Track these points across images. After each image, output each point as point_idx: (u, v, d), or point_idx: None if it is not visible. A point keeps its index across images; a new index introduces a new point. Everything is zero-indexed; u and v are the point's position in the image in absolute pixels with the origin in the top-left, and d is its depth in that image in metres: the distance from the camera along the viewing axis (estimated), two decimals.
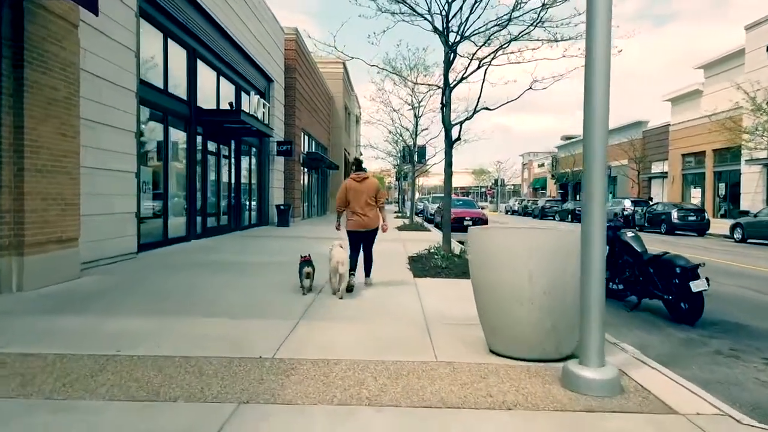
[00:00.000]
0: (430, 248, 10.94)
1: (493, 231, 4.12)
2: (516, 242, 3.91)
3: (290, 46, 23.71)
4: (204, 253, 11.14)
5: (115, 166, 9.30)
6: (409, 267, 9.25)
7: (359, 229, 7.07)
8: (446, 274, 8.30)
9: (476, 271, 4.23)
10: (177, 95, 12.78)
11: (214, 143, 15.54)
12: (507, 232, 4.04)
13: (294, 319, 5.29)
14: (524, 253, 3.84)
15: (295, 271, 7.14)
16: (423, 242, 14.87)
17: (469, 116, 9.52)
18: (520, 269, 3.85)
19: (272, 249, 12.19)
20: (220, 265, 9.20)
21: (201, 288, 6.84)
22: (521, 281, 3.85)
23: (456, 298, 6.59)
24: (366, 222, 7.04)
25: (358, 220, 7.03)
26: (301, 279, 6.69)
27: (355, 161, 7.57)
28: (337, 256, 6.48)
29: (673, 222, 23.60)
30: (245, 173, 19.15)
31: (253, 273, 8.32)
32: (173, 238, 12.64)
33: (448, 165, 9.69)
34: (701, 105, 32.74)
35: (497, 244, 4.00)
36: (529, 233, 3.93)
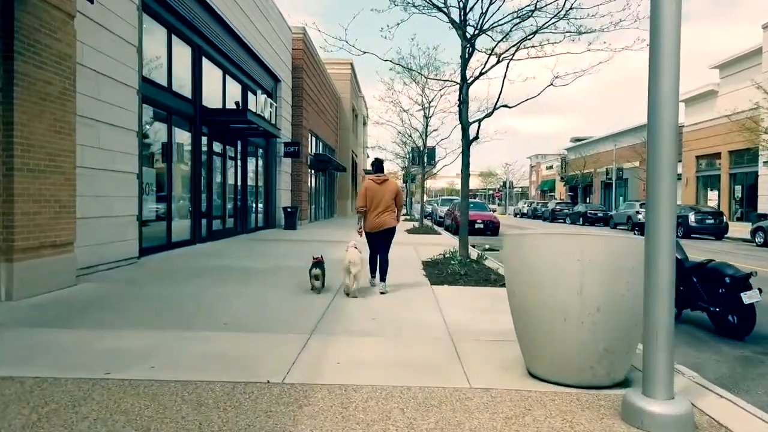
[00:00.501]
0: (445, 253, 10.43)
1: (536, 238, 3.60)
2: (564, 251, 3.38)
3: (298, 45, 23.28)
4: (209, 257, 10.67)
5: (116, 167, 8.85)
6: (424, 273, 8.73)
7: (377, 229, 7.02)
8: (465, 282, 7.77)
9: (514, 283, 3.71)
10: (181, 94, 12.34)
11: (219, 144, 15.09)
12: (553, 240, 3.52)
13: (305, 332, 4.78)
14: (574, 264, 3.31)
15: (305, 276, 7.03)
16: (435, 246, 14.36)
17: (489, 113, 9.00)
18: (568, 282, 3.33)
19: (280, 253, 11.71)
20: (225, 270, 8.72)
21: (204, 297, 6.35)
22: (569, 296, 3.33)
23: (480, 308, 6.07)
24: (385, 221, 7.00)
25: (377, 222, 6.99)
26: (311, 280, 6.84)
27: (375, 162, 7.53)
28: (350, 256, 6.55)
29: (691, 225, 22.93)
30: (252, 175, 18.71)
31: (260, 279, 7.83)
32: (177, 242, 12.18)
33: (466, 165, 9.17)
34: (716, 105, 32.07)
35: (541, 253, 3.48)
36: (579, 240, 3.41)
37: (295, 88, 23.05)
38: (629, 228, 29.42)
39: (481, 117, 9.06)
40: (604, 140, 47.49)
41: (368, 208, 6.99)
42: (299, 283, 7.52)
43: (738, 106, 27.35)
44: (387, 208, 6.94)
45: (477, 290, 7.28)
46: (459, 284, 7.68)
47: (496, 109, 8.97)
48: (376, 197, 6.92)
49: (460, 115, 9.02)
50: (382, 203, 6.93)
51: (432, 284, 7.70)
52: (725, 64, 31.30)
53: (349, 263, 6.47)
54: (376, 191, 6.95)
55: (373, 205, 6.95)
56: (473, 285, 7.63)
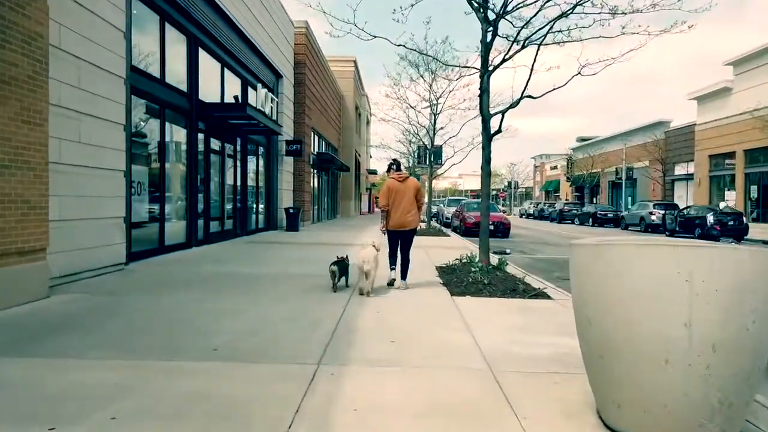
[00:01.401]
0: (462, 258, 9.56)
1: (626, 250, 2.72)
2: (667, 268, 2.50)
3: (300, 40, 22.44)
4: (204, 262, 9.82)
5: (100, 164, 8.00)
6: (441, 281, 7.86)
7: (399, 229, 7.17)
8: (490, 293, 6.89)
9: (590, 307, 2.84)
10: (176, 87, 11.49)
11: (217, 141, 14.24)
12: (650, 253, 2.63)
13: (312, 361, 3.92)
14: (681, 286, 2.44)
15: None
16: (447, 250, 13.49)
17: (513, 104, 8.12)
18: (672, 311, 2.46)
19: (281, 258, 10.85)
20: (220, 278, 7.86)
21: (193, 312, 5.48)
22: (674, 329, 2.46)
23: (515, 326, 5.19)
24: (407, 221, 7.14)
25: (398, 220, 7.12)
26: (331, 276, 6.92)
27: (394, 162, 7.58)
28: (362, 254, 6.64)
29: (709, 226, 22.03)
30: (252, 174, 17.86)
31: (258, 289, 6.96)
32: (171, 245, 11.33)
33: (486, 162, 8.31)
34: (730, 103, 31.14)
35: (634, 271, 2.59)
36: (689, 254, 2.53)
37: (297, 84, 22.21)
38: (642, 229, 28.53)
39: (503, 108, 8.19)
40: (612, 139, 46.55)
41: (391, 206, 7.10)
42: (303, 293, 6.66)
43: (761, 101, 26.38)
44: (409, 206, 7.09)
45: (505, 303, 6.40)
46: (483, 295, 6.81)
47: (522, 99, 8.10)
48: (398, 195, 7.06)
49: (481, 105, 8.15)
50: (405, 200, 7.09)
51: (453, 295, 6.82)
52: (740, 61, 30.36)
53: (363, 262, 6.55)
54: (398, 189, 7.09)
55: (395, 203, 7.08)
56: (500, 296, 6.75)
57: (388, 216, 7.15)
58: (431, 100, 20.20)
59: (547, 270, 11.02)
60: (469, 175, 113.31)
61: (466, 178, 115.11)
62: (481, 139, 8.30)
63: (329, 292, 6.84)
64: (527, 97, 8.36)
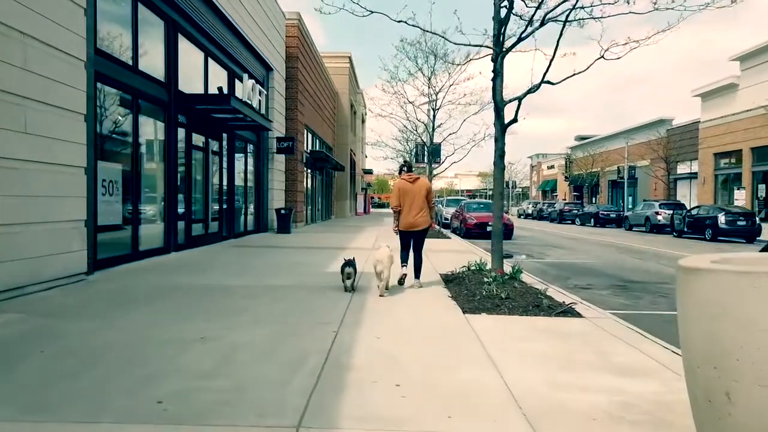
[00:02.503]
0: (470, 265, 8.51)
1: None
2: None
3: (292, 32, 21.33)
4: (181, 271, 8.72)
5: (54, 159, 6.90)
6: (449, 294, 6.79)
7: (410, 229, 7.23)
8: (509, 309, 5.83)
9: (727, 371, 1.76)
10: (151, 75, 10.37)
11: (201, 137, 13.13)
12: None
13: (290, 422, 2.85)
14: None
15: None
16: (450, 254, 12.44)
17: (533, 88, 7.06)
18: None
19: (269, 264, 9.75)
20: (194, 292, 6.77)
21: (148, 344, 4.39)
22: None
23: (550, 357, 4.13)
24: (418, 221, 7.19)
25: (410, 220, 7.19)
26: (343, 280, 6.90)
27: (405, 163, 7.70)
28: (377, 255, 6.68)
29: (721, 227, 21.07)
30: (240, 173, 16.74)
31: (235, 307, 5.87)
32: (147, 251, 10.23)
33: (500, 156, 7.25)
34: (737, 99, 30.25)
35: None
36: None
37: (289, 79, 21.11)
38: (647, 230, 27.56)
39: (521, 94, 7.12)
40: (613, 137, 45.61)
41: (402, 207, 7.18)
42: (288, 312, 5.58)
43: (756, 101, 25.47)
44: (420, 206, 7.16)
45: (529, 323, 5.34)
46: (501, 312, 5.74)
47: (543, 83, 7.03)
48: (409, 196, 7.14)
49: (494, 91, 7.10)
50: (416, 201, 7.15)
51: (466, 312, 5.75)
52: (747, 56, 29.42)
53: (377, 262, 6.60)
54: (409, 190, 7.16)
55: (406, 204, 7.15)
56: (521, 314, 5.69)
57: (400, 216, 7.23)
58: (430, 95, 19.15)
59: (561, 277, 9.98)
60: (465, 175, 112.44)
61: (462, 177, 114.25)
62: (494, 131, 7.24)
63: (318, 309, 5.77)
64: (546, 82, 7.30)
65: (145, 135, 10.50)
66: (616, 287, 8.93)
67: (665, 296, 8.10)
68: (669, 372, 3.86)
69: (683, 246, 18.40)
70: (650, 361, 4.15)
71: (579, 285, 9.06)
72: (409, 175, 7.32)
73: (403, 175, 7.41)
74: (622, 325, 5.41)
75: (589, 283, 9.35)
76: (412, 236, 7.28)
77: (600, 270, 11.24)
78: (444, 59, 14.85)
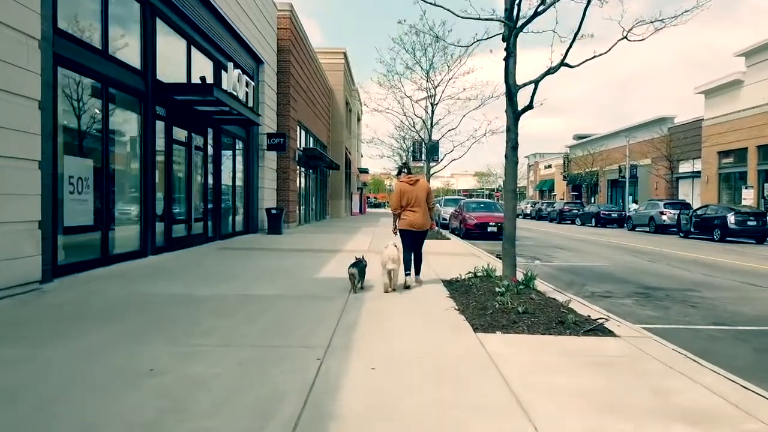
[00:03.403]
0: (476, 271, 7.62)
1: None
2: None
3: (284, 24, 20.40)
4: (152, 278, 7.79)
5: (1, 151, 5.97)
6: (455, 306, 5.89)
7: (411, 229, 7.30)
8: (528, 326, 4.93)
9: None
10: (124, 62, 9.43)
11: (183, 131, 12.20)
12: None
13: None
14: None
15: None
16: (451, 257, 11.55)
17: (552, 69, 6.16)
18: None
19: (254, 269, 8.83)
20: (159, 304, 5.84)
21: (85, 378, 3.48)
22: None
23: (595, 398, 3.23)
24: (418, 222, 7.27)
25: (410, 220, 7.26)
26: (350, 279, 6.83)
27: (404, 165, 7.72)
28: (387, 253, 6.73)
29: (730, 227, 20.27)
30: (228, 170, 15.81)
31: (201, 327, 4.95)
32: (119, 255, 9.30)
33: (512, 148, 6.35)
34: (742, 96, 29.49)
35: None
36: None
37: (281, 73, 20.17)
38: (652, 231, 26.73)
39: (538, 77, 6.22)
40: (614, 136, 44.82)
41: (403, 208, 7.26)
42: (265, 331, 4.66)
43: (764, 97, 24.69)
44: (421, 207, 7.24)
45: (557, 345, 4.45)
46: (520, 330, 4.85)
47: (561, 66, 6.14)
48: (410, 197, 7.21)
49: (506, 73, 6.20)
50: (416, 202, 7.23)
51: (477, 330, 4.86)
52: (752, 51, 28.66)
53: (388, 259, 6.69)
54: (409, 192, 7.23)
55: (407, 205, 7.23)
56: (543, 332, 4.80)
57: (400, 218, 7.32)
58: (428, 89, 18.24)
59: (575, 283, 9.11)
60: (462, 175, 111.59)
61: (459, 177, 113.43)
62: (506, 119, 6.35)
63: (303, 327, 4.87)
64: (565, 65, 6.41)
65: (118, 127, 9.57)
66: (637, 295, 8.06)
67: (694, 306, 7.23)
68: (751, 420, 2.98)
69: (692, 247, 17.58)
70: (720, 401, 3.26)
71: (597, 292, 8.18)
72: (408, 177, 7.40)
73: (402, 177, 7.49)
74: (666, 347, 4.52)
75: (607, 290, 8.47)
76: (413, 237, 7.37)
77: (615, 275, 10.37)
78: (445, 42, 13.92)
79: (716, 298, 7.87)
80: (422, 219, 7.26)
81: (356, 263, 6.86)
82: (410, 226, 7.25)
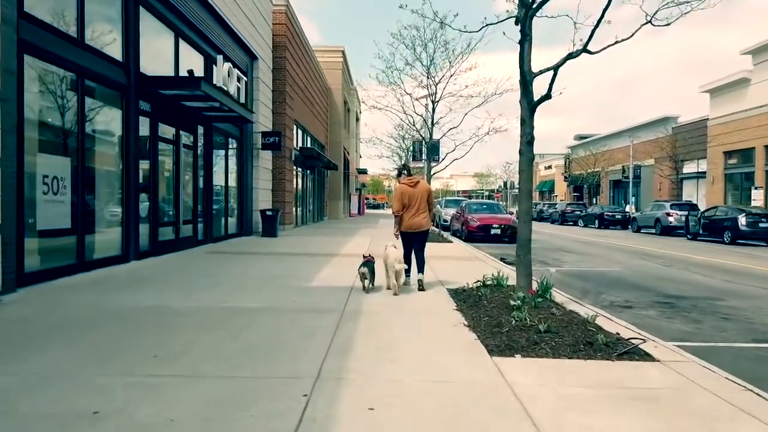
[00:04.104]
0: (485, 279, 6.94)
1: None
2: None
3: (279, 19, 19.73)
4: (128, 287, 7.08)
5: None
6: (464, 321, 5.20)
7: (413, 230, 7.34)
8: (552, 348, 4.24)
9: None
10: (103, 52, 8.75)
11: (170, 128, 11.51)
12: None
13: None
14: None
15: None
16: (455, 261, 10.88)
17: (573, 53, 5.46)
18: None
19: (242, 276, 8.14)
20: (132, 319, 5.14)
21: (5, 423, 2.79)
22: None
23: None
24: (420, 223, 7.32)
25: (412, 222, 7.29)
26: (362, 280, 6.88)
27: (404, 167, 7.77)
28: (392, 255, 6.74)
29: (741, 229, 19.60)
30: (220, 170, 15.12)
31: (178, 347, 4.26)
32: (99, 260, 8.62)
33: (527, 143, 5.67)
34: (749, 95, 28.86)
35: None
36: None
37: (276, 69, 19.49)
38: (658, 232, 26.06)
39: (558, 62, 5.51)
40: (616, 136, 44.19)
41: (405, 210, 7.27)
42: (246, 354, 3.97)
43: None
44: (421, 209, 7.30)
45: (588, 372, 3.76)
46: (543, 353, 4.16)
47: (583, 52, 5.46)
48: (411, 199, 7.25)
49: (521, 59, 5.52)
50: (417, 204, 7.28)
51: (493, 353, 4.17)
52: (759, 49, 28.02)
53: (395, 260, 6.67)
54: (411, 194, 7.27)
55: (409, 207, 7.26)
56: (570, 355, 4.11)
57: (402, 219, 7.32)
58: (429, 86, 17.58)
59: (591, 291, 8.43)
60: (461, 176, 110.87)
61: (458, 178, 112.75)
62: (520, 110, 5.67)
63: (289, 349, 4.18)
64: (586, 51, 5.73)
65: (97, 123, 8.88)
66: (661, 305, 7.37)
67: (727, 319, 6.55)
68: None
69: (703, 250, 16.91)
70: None
71: (615, 302, 7.50)
72: (409, 179, 7.43)
73: (403, 179, 7.51)
74: (717, 374, 3.84)
75: (627, 299, 7.79)
76: (415, 238, 7.43)
77: (631, 281, 9.69)
78: (443, 51, 13.29)
79: (748, 308, 7.18)
80: (423, 220, 7.34)
81: (366, 262, 6.86)
82: (412, 227, 7.31)
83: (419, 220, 7.29)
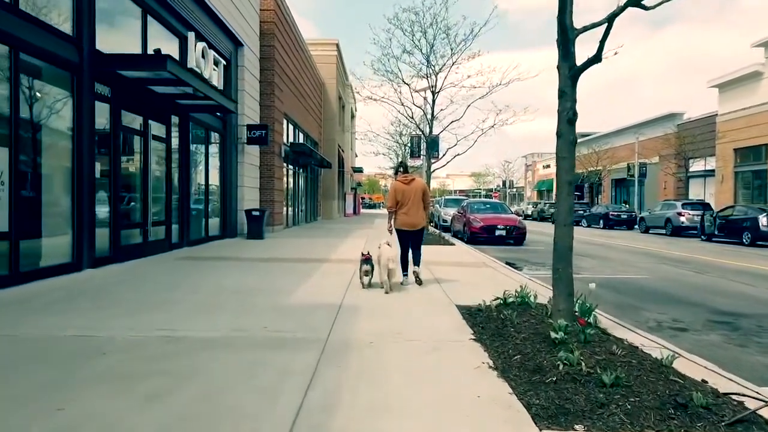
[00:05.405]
0: (506, 297, 5.57)
1: None
2: None
3: (268, 5, 18.32)
4: (68, 304, 5.66)
5: None
6: (491, 363, 3.82)
7: (408, 228, 7.35)
8: (629, 414, 2.86)
9: None
10: (45, 21, 7.35)
11: (136, 116, 10.09)
12: None
13: None
14: None
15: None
16: (459, 268, 9.50)
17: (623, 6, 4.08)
18: None
19: (209, 291, 6.71)
20: (47, 356, 3.75)
21: None
22: None
23: None
24: (415, 221, 7.32)
25: (407, 220, 7.30)
26: (361, 276, 6.95)
27: (401, 165, 7.69)
28: (386, 253, 6.69)
29: (762, 230, 18.31)
30: (200, 166, 13.72)
31: (85, 416, 2.87)
32: (42, 270, 7.25)
33: (568, 120, 4.29)
34: (761, 89, 27.60)
35: None
36: None
37: (264, 59, 18.09)
38: (668, 233, 24.76)
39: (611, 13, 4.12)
40: (620, 133, 42.91)
41: (399, 207, 7.30)
42: (182, 423, 2.59)
43: None
44: (417, 206, 7.28)
45: None
46: (616, 424, 2.78)
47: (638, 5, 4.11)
48: (406, 196, 7.28)
49: (562, 9, 4.15)
50: (412, 201, 7.25)
51: (539, 423, 2.79)
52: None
53: (388, 260, 6.63)
54: (405, 191, 7.29)
55: (403, 204, 7.27)
56: (656, 425, 2.74)
57: (396, 217, 7.35)
58: (428, 75, 16.21)
59: (625, 306, 7.07)
60: (458, 175, 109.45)
61: (455, 178, 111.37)
62: (558, 80, 4.30)
63: (236, 416, 2.80)
64: (638, 6, 4.36)
65: (39, 107, 7.48)
66: (719, 326, 6.02)
67: None
68: None
69: (726, 253, 15.60)
70: None
71: (664, 322, 6.14)
72: (404, 177, 7.43)
73: (399, 176, 7.51)
74: None
75: (675, 318, 6.43)
76: (411, 235, 7.42)
77: (668, 292, 8.34)
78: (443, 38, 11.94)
79: None
80: (418, 218, 7.34)
81: (367, 260, 6.88)
82: (406, 225, 7.34)
83: (414, 218, 7.30)
